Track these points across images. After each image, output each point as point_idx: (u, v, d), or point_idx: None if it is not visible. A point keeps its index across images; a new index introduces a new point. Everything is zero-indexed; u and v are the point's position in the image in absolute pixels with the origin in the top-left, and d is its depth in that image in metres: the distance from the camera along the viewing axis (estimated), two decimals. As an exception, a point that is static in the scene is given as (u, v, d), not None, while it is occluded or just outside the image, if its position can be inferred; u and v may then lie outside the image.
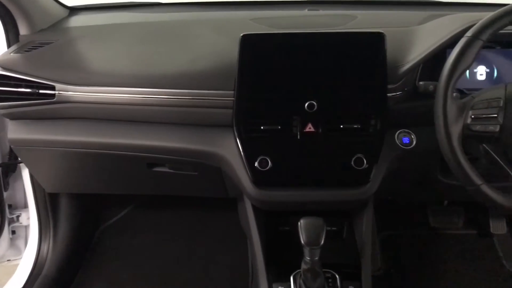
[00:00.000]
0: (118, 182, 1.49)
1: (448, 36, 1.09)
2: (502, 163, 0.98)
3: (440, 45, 1.10)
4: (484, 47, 1.21)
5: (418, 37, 1.21)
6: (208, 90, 1.16)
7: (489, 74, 1.23)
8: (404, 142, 1.17)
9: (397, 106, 1.16)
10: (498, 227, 1.73)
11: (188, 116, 1.20)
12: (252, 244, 1.24)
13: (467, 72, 1.22)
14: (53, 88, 1.23)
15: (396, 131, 1.18)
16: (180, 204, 1.89)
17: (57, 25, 1.46)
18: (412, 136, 1.17)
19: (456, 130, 0.94)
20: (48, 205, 1.63)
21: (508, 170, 0.97)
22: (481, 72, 1.23)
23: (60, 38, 1.36)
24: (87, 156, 1.31)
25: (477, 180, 0.93)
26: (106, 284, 1.65)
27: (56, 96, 1.23)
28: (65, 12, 1.53)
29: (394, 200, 1.47)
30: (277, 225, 1.34)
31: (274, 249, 1.25)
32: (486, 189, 0.93)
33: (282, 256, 1.23)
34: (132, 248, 1.77)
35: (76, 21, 1.50)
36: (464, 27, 1.06)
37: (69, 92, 1.23)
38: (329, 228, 1.30)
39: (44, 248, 1.62)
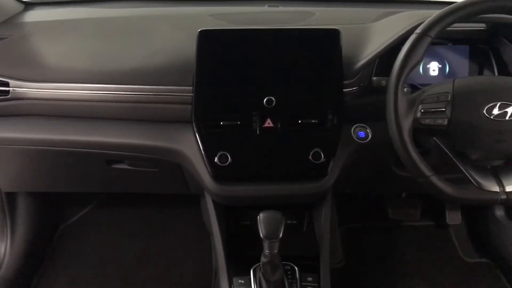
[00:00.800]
0: (77, 180, 1.47)
1: (401, 33, 1.13)
2: (451, 156, 1.02)
3: (393, 42, 1.13)
4: (436, 43, 1.27)
5: (373, 33, 1.24)
6: (166, 85, 1.16)
7: (441, 70, 1.27)
8: (360, 136, 1.20)
9: (353, 101, 1.18)
10: (453, 218, 1.79)
11: (146, 112, 1.19)
12: (213, 239, 1.25)
13: (421, 68, 1.27)
14: (7, 84, 1.20)
15: (352, 126, 1.20)
16: (142, 202, 1.87)
17: (11, 20, 1.42)
18: (368, 131, 1.20)
19: (406, 123, 0.97)
20: (5, 205, 1.59)
21: (457, 162, 1.01)
22: (433, 68, 1.27)
23: (14, 34, 1.33)
24: (45, 153, 1.28)
25: (427, 171, 0.96)
26: (66, 285, 1.62)
27: (10, 92, 1.20)
28: (20, 7, 1.49)
29: (353, 193, 1.50)
30: (238, 220, 1.35)
31: (235, 243, 1.26)
32: (435, 180, 0.96)
33: (243, 250, 1.24)
34: (93, 247, 1.75)
35: (31, 16, 1.46)
36: (414, 24, 1.09)
37: (24, 88, 1.20)
38: (289, 222, 1.33)
39: (1, 249, 1.58)
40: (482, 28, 1.24)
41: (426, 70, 1.27)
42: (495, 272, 1.70)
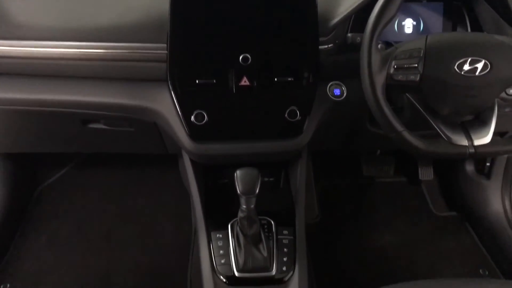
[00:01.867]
0: (53, 140, 1.45)
1: None
2: (422, 111, 1.05)
3: None
4: (411, 0, 1.27)
5: None
6: (140, 43, 1.14)
7: (415, 27, 1.28)
8: (335, 94, 1.21)
9: (328, 58, 1.19)
10: (425, 174, 1.85)
11: (121, 70, 1.18)
12: (192, 198, 1.27)
13: (395, 25, 1.27)
14: None
15: (328, 84, 1.21)
16: (120, 162, 1.87)
17: None
18: (343, 88, 1.21)
19: (379, 79, 0.98)
20: None
21: (428, 118, 1.04)
22: (408, 25, 1.28)
23: None
24: (18, 113, 1.26)
25: (399, 127, 0.99)
26: (45, 245, 1.63)
27: None
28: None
29: (328, 151, 1.53)
30: (215, 179, 1.37)
31: (213, 201, 1.28)
32: (406, 135, 0.99)
33: (221, 207, 1.26)
34: (72, 207, 1.75)
35: None
36: None
37: None
38: (266, 179, 1.36)
39: None
40: None
41: (400, 27, 1.28)
42: (464, 224, 1.77)
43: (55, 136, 1.43)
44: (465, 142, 1.00)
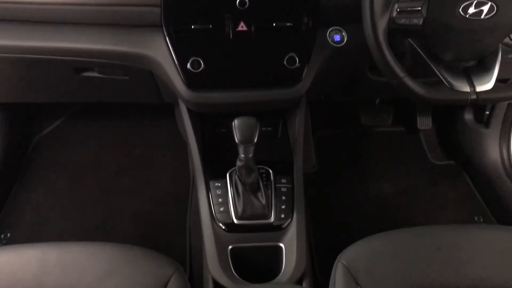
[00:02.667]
0: (46, 90, 1.42)
1: None
2: (424, 57, 1.02)
3: None
4: None
5: None
6: None
7: None
8: (335, 40, 1.18)
9: (329, 2, 1.15)
10: (424, 123, 1.84)
11: (114, 15, 1.13)
12: (189, 146, 1.26)
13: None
14: None
15: (328, 29, 1.17)
16: (116, 112, 1.85)
17: None
18: (343, 34, 1.18)
19: (382, 23, 0.95)
20: None
21: (430, 63, 1.01)
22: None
23: None
24: (10, 62, 1.23)
25: (400, 72, 0.96)
26: (43, 195, 1.64)
27: None
28: None
29: (327, 100, 1.51)
30: (213, 128, 1.35)
31: (211, 151, 1.27)
32: (408, 81, 0.97)
33: (219, 156, 1.26)
34: (69, 158, 1.74)
35: None
36: None
37: None
38: (264, 129, 1.34)
39: None
40: None
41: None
42: (461, 173, 1.78)
43: (49, 85, 1.40)
44: (467, 89, 0.98)
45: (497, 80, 1.00)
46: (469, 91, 0.98)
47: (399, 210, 1.61)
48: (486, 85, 0.98)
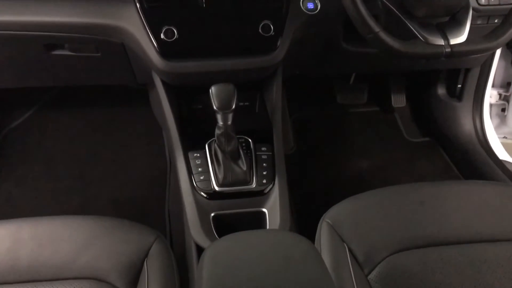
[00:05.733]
0: (15, 72, 1.38)
1: None
2: (399, 14, 1.03)
3: None
4: None
5: None
6: None
7: None
8: (309, 7, 1.18)
9: None
10: (398, 100, 1.86)
11: None
12: (166, 122, 1.24)
13: None
14: None
15: None
16: (88, 102, 1.81)
17: None
18: (317, 2, 1.18)
19: None
20: None
21: (405, 20, 1.02)
22: None
23: None
24: None
25: (375, 27, 0.97)
26: (15, 185, 1.58)
27: None
28: None
29: (302, 74, 1.51)
30: (189, 104, 1.33)
31: (188, 126, 1.25)
32: (383, 35, 0.97)
33: (196, 131, 1.24)
34: (40, 148, 1.69)
35: None
36: None
37: None
38: (241, 104, 1.33)
39: None
40: None
41: None
42: (437, 149, 1.80)
43: (18, 67, 1.35)
44: (441, 42, 0.99)
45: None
46: (443, 44, 0.99)
47: (377, 182, 1.61)
48: (459, 38, 1.00)
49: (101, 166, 1.65)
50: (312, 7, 1.18)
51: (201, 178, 1.10)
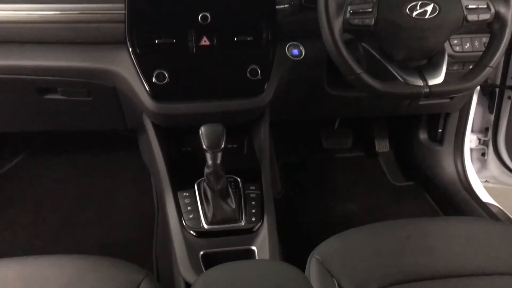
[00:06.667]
0: (7, 117, 1.40)
1: None
2: (379, 57, 1.09)
3: None
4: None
5: None
6: (98, 3, 1.13)
7: None
8: (294, 53, 1.24)
9: (286, 19, 1.22)
10: (382, 145, 1.91)
11: (78, 33, 1.16)
12: (155, 162, 1.25)
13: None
14: None
15: (287, 44, 1.24)
16: (76, 148, 1.83)
17: None
18: (301, 48, 1.25)
19: (337, 24, 1.01)
20: None
21: (385, 63, 1.08)
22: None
23: None
24: None
25: (358, 69, 1.02)
26: (2, 231, 1.55)
27: None
28: None
29: (289, 118, 1.56)
30: (178, 147, 1.36)
31: (177, 168, 1.27)
32: (365, 77, 1.02)
33: (185, 172, 1.25)
34: (28, 194, 1.68)
35: None
36: None
37: None
38: (230, 146, 1.36)
39: None
40: None
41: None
42: (421, 192, 1.83)
43: (10, 112, 1.37)
44: (420, 83, 1.04)
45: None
46: (422, 84, 1.04)
47: (363, 223, 1.62)
48: (437, 79, 1.05)
49: (89, 211, 1.65)
50: (297, 53, 1.24)
51: (190, 216, 1.11)
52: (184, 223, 1.10)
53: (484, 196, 1.66)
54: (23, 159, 1.79)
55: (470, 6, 1.03)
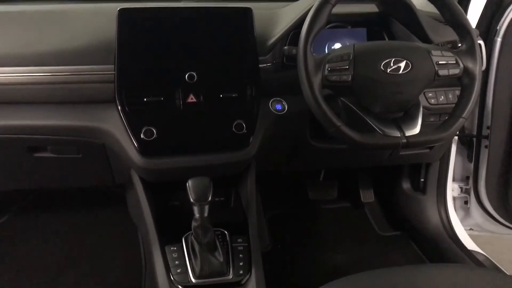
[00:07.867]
0: None
1: (307, 9, 1.25)
2: (357, 111, 1.14)
3: (300, 17, 1.25)
4: (338, 26, 1.42)
5: (283, 15, 1.36)
6: (88, 65, 1.19)
7: None
8: (277, 108, 1.30)
9: (269, 76, 1.28)
10: (367, 196, 1.94)
11: (68, 93, 1.20)
12: (142, 217, 1.26)
13: (326, 48, 1.40)
14: None
15: (270, 100, 1.30)
16: (63, 205, 1.83)
17: None
18: (284, 103, 1.30)
19: (316, 80, 1.07)
20: None
21: (363, 116, 1.14)
22: (337, 47, 1.41)
23: None
24: None
25: (337, 122, 1.07)
26: None
27: None
28: None
29: (275, 170, 1.59)
30: (166, 201, 1.37)
31: (164, 222, 1.28)
32: (344, 129, 1.07)
33: (172, 226, 1.26)
34: (13, 255, 1.66)
35: None
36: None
37: None
38: (217, 199, 1.38)
39: None
40: (376, 11, 1.41)
41: (330, 50, 1.41)
42: (407, 242, 1.84)
43: (0, 170, 1.39)
44: (397, 134, 1.10)
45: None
46: (399, 135, 1.09)
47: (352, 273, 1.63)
48: (413, 130, 1.11)
49: (76, 268, 1.63)
50: (280, 108, 1.30)
51: (178, 271, 1.11)
52: (172, 278, 1.10)
53: (469, 244, 1.68)
54: (8, 219, 1.79)
55: (440, 62, 1.11)
